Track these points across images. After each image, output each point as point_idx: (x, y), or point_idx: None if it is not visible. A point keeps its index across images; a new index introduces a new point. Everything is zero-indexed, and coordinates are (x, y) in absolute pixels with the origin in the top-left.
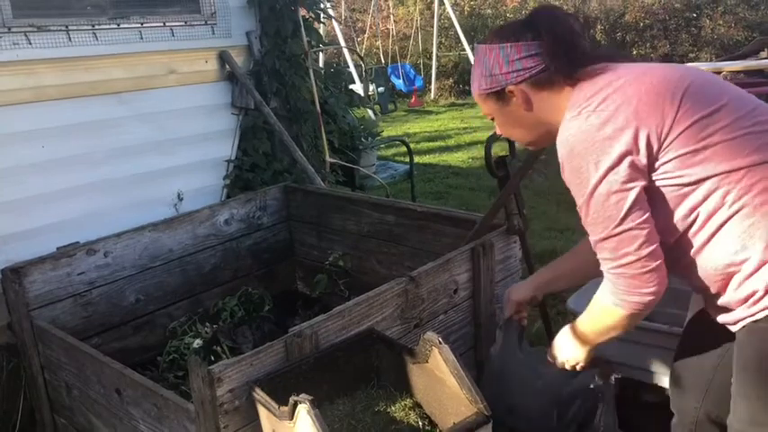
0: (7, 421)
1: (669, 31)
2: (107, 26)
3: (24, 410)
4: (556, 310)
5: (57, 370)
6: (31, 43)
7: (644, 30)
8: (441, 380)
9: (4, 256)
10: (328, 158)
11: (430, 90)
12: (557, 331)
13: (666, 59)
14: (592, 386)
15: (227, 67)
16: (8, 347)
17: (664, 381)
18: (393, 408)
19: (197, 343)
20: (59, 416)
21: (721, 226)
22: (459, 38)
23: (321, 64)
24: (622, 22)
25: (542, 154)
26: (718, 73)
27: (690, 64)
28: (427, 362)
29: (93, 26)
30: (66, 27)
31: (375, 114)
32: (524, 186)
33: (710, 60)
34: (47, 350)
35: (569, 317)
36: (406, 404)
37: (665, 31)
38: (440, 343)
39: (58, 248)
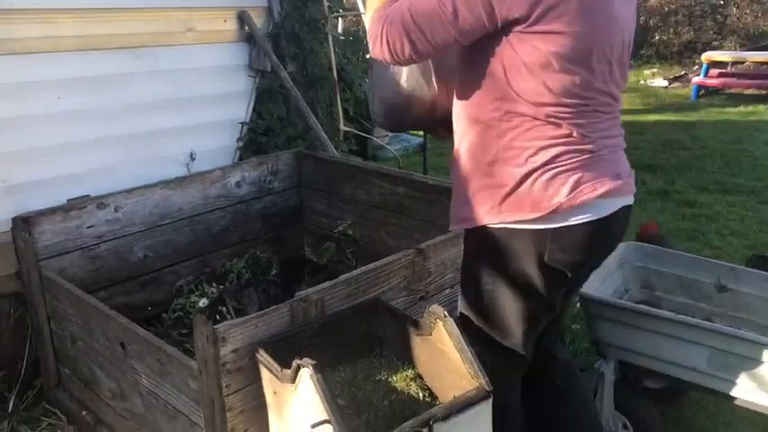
0: (12, 369)
1: (694, 18)
2: None
3: (30, 359)
4: None
5: (63, 321)
6: None
7: (668, 15)
8: (443, 353)
9: (14, 205)
10: (342, 126)
11: None
12: None
13: (689, 48)
14: (596, 365)
15: (246, 27)
16: (16, 296)
17: (667, 368)
18: (394, 378)
19: (203, 302)
20: (64, 366)
21: None
22: None
23: (340, 31)
24: (647, 6)
25: None
26: (742, 63)
27: (711, 53)
28: (431, 334)
29: None
30: None
31: None
32: None
33: (735, 50)
34: (53, 301)
35: None
36: (407, 375)
37: (690, 18)
38: (445, 316)
39: (68, 200)
